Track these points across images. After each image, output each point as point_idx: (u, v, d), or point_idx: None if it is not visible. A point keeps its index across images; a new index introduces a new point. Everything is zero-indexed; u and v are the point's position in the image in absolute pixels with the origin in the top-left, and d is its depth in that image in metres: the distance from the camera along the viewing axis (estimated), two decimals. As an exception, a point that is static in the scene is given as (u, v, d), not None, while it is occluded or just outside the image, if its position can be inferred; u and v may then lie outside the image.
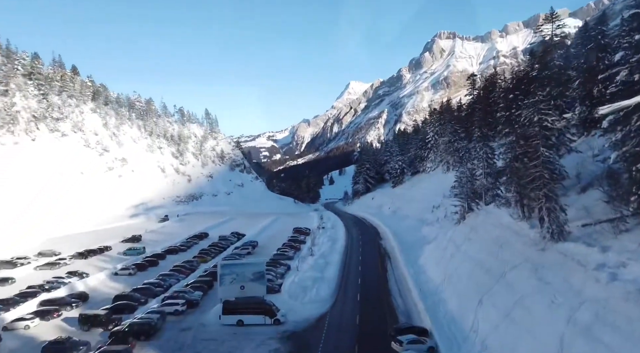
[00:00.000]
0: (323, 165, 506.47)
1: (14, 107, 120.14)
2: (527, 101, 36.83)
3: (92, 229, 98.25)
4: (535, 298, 29.99)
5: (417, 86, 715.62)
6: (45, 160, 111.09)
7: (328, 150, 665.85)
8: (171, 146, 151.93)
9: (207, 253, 63.04)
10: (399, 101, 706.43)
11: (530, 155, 37.04)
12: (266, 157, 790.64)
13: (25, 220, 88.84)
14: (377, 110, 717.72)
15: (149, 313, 35.81)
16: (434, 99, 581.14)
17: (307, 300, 41.57)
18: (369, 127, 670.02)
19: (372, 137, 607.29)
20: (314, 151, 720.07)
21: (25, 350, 31.08)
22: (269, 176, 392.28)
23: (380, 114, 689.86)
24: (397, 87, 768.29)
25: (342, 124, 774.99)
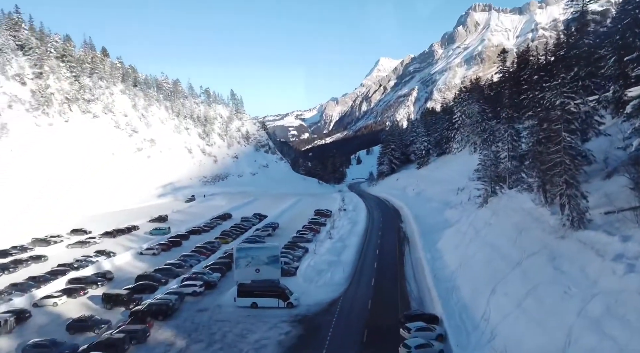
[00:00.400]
0: (351, 145, 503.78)
1: (48, 89, 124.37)
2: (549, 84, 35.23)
3: (123, 208, 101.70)
4: (548, 288, 29.38)
5: (449, 62, 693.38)
6: (78, 141, 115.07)
7: (356, 129, 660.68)
8: (197, 127, 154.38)
9: (229, 235, 64.44)
10: (430, 78, 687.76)
11: (551, 140, 35.74)
12: (294, 136, 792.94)
13: (60, 200, 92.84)
14: (407, 88, 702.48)
15: (167, 294, 37.23)
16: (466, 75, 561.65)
17: (321, 283, 42.12)
18: (398, 105, 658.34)
19: (401, 115, 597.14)
20: (342, 130, 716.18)
21: (53, 326, 32.93)
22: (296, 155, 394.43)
23: (410, 91, 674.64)
24: (429, 63, 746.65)
25: (370, 102, 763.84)
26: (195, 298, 38.94)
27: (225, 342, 30.04)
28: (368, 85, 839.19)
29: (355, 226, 69.57)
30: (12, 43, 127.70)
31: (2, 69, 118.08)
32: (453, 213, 70.13)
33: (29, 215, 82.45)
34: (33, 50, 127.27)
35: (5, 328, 30.89)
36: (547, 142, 37.07)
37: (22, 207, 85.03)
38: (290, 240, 58.35)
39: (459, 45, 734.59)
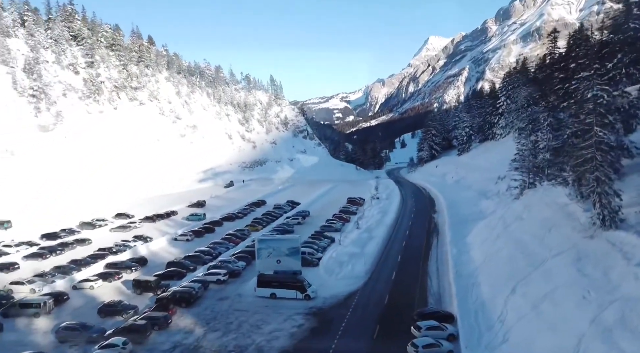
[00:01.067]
0: (396, 127, 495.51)
1: (98, 77, 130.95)
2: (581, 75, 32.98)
3: (166, 193, 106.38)
4: (567, 292, 28.28)
5: (504, 39, 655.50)
6: (126, 128, 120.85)
7: (402, 111, 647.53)
8: (238, 113, 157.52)
9: (259, 222, 66.05)
10: (482, 56, 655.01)
11: (584, 134, 33.81)
12: (339, 118, 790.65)
13: (109, 184, 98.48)
14: (457, 68, 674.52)
15: (192, 282, 39.02)
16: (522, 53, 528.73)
17: (341, 276, 42.55)
18: (447, 85, 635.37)
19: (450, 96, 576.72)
20: (387, 112, 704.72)
21: (87, 309, 35.53)
22: (339, 138, 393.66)
23: (461, 71, 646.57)
24: (481, 41, 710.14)
25: (418, 83, 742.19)
26: (219, 286, 40.56)
27: (240, 331, 31.26)
28: (416, 66, 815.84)
29: (385, 216, 69.17)
30: (67, 34, 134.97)
31: (58, 59, 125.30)
32: (489, 204, 68.13)
33: (82, 198, 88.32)
34: (85, 40, 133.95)
35: (45, 310, 33.74)
36: (580, 136, 35.14)
37: (75, 190, 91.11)
38: (317, 230, 59.02)
39: (515, 21, 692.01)
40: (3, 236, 60.02)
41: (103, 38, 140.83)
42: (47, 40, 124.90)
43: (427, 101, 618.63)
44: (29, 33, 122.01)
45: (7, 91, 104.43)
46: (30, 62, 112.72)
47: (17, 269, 45.30)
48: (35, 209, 78.87)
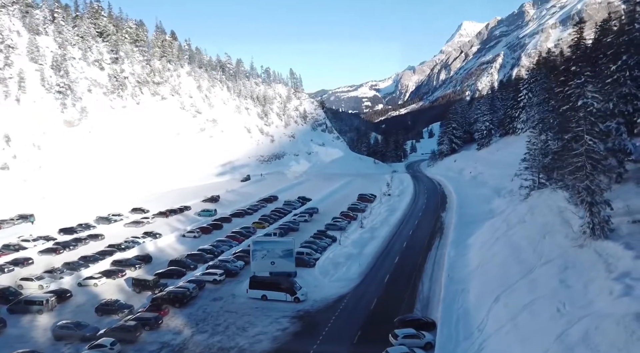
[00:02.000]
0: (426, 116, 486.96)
1: (122, 73, 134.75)
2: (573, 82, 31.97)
3: (184, 186, 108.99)
4: (546, 303, 28.01)
5: (541, 23, 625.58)
6: (147, 122, 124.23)
7: (433, 99, 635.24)
8: (257, 107, 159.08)
9: (266, 220, 67.17)
10: (518, 42, 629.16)
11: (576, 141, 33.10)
12: (368, 107, 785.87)
13: (129, 178, 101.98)
14: (491, 54, 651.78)
15: (187, 282, 40.48)
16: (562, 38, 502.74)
17: (335, 278, 43.18)
18: (480, 72, 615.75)
19: (483, 83, 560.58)
20: (417, 100, 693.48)
21: (88, 306, 37.47)
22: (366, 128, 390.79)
23: (495, 57, 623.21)
24: (517, 26, 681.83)
25: (450, 71, 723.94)
26: (216, 286, 41.92)
27: (227, 333, 32.44)
28: (448, 52, 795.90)
29: (392, 214, 69.12)
30: (93, 30, 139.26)
31: (84, 56, 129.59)
32: (500, 203, 67.15)
33: (103, 192, 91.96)
34: (110, 36, 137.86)
35: (48, 307, 35.88)
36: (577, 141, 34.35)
37: (97, 184, 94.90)
38: (320, 229, 59.55)
39: (554, 4, 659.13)
40: (28, 230, 63.74)
41: (127, 34, 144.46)
42: (74, 38, 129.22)
43: (459, 89, 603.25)
44: (57, 30, 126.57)
45: (36, 88, 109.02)
46: (57, 59, 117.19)
47: (31, 264, 48.03)
48: (59, 203, 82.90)
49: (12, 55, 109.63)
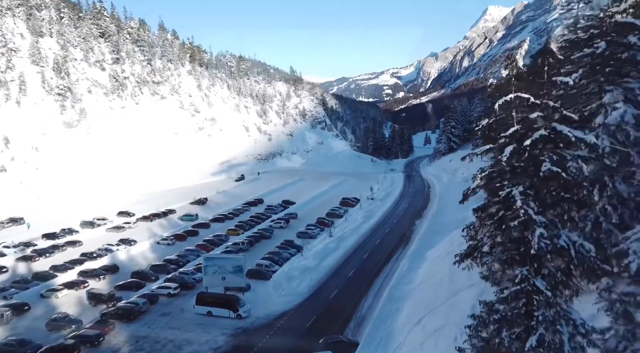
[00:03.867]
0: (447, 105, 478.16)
1: (123, 73, 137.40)
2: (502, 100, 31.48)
3: (180, 186, 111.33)
4: (451, 330, 28.47)
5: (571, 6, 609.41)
6: (146, 122, 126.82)
7: (455, 87, 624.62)
8: (256, 105, 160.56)
9: (242, 226, 68.60)
10: (545, 27, 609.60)
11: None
12: (388, 95, 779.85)
13: (124, 179, 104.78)
14: (516, 40, 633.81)
15: (140, 296, 42.24)
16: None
17: (285, 292, 44.35)
18: (505, 59, 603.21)
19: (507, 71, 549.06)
20: (439, 88, 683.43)
21: (44, 320, 39.48)
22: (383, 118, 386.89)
23: (521, 43, 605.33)
24: (545, 10, 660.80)
25: (473, 57, 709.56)
26: (170, 299, 43.62)
27: (163, 352, 34.09)
28: (472, 38, 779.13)
29: (366, 221, 69.77)
30: (95, 31, 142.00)
31: (86, 57, 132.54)
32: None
33: (99, 194, 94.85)
34: (111, 37, 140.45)
35: (2, 321, 38.12)
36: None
37: (94, 186, 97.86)
38: (287, 239, 60.54)
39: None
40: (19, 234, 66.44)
41: (129, 34, 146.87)
42: (76, 39, 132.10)
43: (482, 76, 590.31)
44: (60, 32, 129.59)
45: (37, 90, 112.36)
46: (59, 61, 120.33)
47: (5, 272, 50.64)
48: (54, 205, 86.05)
49: (14, 58, 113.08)
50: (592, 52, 20.68)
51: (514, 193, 14.43)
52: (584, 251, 13.66)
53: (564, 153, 14.63)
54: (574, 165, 14.51)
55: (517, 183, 14.87)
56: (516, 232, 14.78)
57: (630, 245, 13.07)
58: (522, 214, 14.04)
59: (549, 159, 14.22)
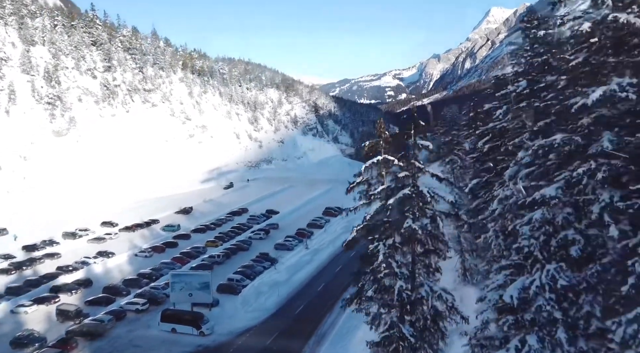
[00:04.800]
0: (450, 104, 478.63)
1: (114, 81, 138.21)
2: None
3: (169, 194, 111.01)
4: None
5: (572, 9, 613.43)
6: (136, 130, 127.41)
7: (457, 88, 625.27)
8: (248, 112, 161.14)
9: (222, 238, 68.86)
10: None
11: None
12: (391, 97, 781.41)
13: (114, 188, 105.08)
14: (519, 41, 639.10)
15: (107, 312, 42.53)
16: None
17: (252, 308, 44.64)
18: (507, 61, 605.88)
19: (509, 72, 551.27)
20: (440, 90, 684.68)
21: (10, 338, 39.95)
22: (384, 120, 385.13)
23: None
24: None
25: (476, 59, 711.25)
26: (138, 315, 43.93)
27: (120, 371, 34.43)
28: (474, 40, 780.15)
29: (345, 233, 69.46)
30: (87, 39, 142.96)
31: (77, 65, 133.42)
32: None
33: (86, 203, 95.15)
34: (103, 45, 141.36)
35: (-33, 339, 38.51)
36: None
37: (82, 194, 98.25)
38: (263, 252, 60.66)
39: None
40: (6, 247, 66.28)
41: (120, 42, 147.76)
42: (67, 47, 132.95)
43: (484, 78, 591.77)
44: (51, 41, 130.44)
45: (26, 99, 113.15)
46: (50, 70, 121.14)
47: (-21, 287, 50.96)
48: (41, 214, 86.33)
49: (4, 67, 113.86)
50: (514, 90, 21.22)
51: (379, 247, 14.90)
52: (443, 300, 14.06)
53: (425, 209, 15.09)
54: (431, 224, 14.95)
55: (387, 237, 15.34)
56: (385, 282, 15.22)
57: (487, 294, 13.47)
58: (383, 268, 14.47)
59: (412, 216, 14.67)
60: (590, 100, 11.32)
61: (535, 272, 12.81)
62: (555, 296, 12.42)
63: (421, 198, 15.48)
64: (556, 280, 12.16)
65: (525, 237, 13.23)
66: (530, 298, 12.61)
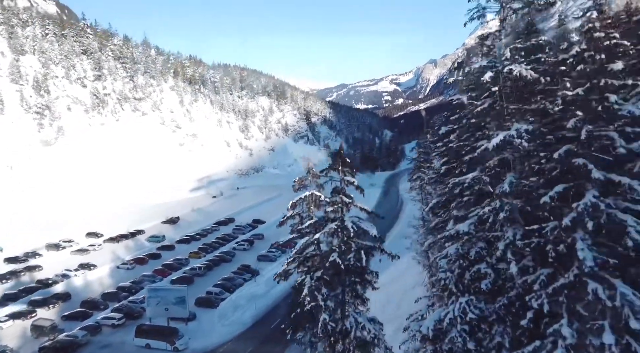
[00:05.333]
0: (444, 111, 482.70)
1: (104, 90, 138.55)
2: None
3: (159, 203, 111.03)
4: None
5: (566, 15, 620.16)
6: (125, 139, 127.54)
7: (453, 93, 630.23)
8: (239, 120, 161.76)
9: (206, 249, 69.04)
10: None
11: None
12: (387, 102, 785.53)
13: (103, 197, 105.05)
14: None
15: (81, 328, 42.63)
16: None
17: (229, 322, 44.87)
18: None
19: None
20: (437, 95, 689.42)
21: (-17, 353, 40.14)
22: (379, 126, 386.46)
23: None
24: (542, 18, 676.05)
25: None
26: (113, 330, 44.08)
27: (91, 387, 34.60)
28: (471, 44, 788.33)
29: (328, 243, 70.28)
30: (78, 48, 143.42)
31: (67, 74, 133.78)
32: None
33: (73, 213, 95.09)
34: (94, 54, 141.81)
35: (-61, 357, 38.61)
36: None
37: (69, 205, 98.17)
38: (244, 264, 61.00)
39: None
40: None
41: (111, 51, 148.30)
42: (57, 56, 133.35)
43: None
44: (41, 50, 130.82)
45: (15, 108, 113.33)
46: (39, 79, 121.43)
47: (-44, 302, 50.90)
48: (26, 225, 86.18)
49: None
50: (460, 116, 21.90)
51: (306, 280, 15.40)
52: (367, 331, 14.60)
53: (351, 243, 15.64)
54: (354, 257, 15.50)
55: (315, 270, 15.88)
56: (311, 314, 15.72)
57: (410, 324, 13.97)
58: (307, 302, 14.95)
59: (338, 249, 15.24)
60: (491, 145, 11.90)
61: (450, 304, 13.29)
62: (469, 327, 12.92)
63: (346, 233, 16.12)
64: (467, 312, 12.64)
65: (442, 269, 13.71)
66: (445, 329, 13.09)
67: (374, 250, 16.18)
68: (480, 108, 12.74)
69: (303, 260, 18.03)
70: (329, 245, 16.89)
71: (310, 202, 17.20)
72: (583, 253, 10.35)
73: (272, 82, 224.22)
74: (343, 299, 16.67)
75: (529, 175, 11.78)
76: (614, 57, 10.00)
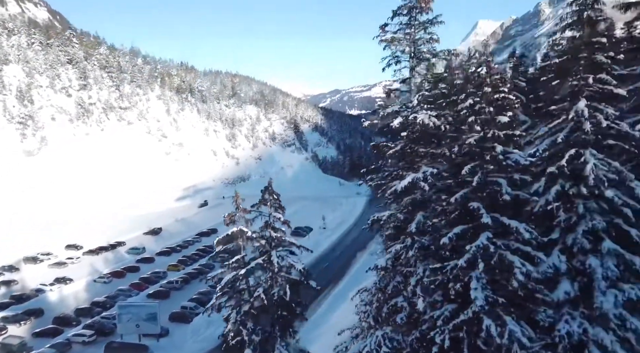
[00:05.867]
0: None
1: (90, 99, 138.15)
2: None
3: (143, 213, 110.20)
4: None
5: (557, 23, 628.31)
6: (110, 149, 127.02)
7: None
8: (226, 129, 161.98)
9: (185, 261, 68.90)
10: (532, 42, 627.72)
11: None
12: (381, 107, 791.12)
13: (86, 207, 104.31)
14: (505, 53, 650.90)
15: (50, 346, 42.31)
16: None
17: (200, 338, 44.79)
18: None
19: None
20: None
21: (-50, 372, 39.77)
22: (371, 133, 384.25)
23: (509, 58, 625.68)
24: (533, 25, 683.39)
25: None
26: (84, 347, 43.83)
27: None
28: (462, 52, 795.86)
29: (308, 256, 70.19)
30: (63, 58, 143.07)
31: (52, 83, 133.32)
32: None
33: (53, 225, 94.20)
34: (79, 64, 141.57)
35: None
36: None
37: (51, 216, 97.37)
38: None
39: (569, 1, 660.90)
40: None
41: (96, 60, 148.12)
42: (42, 66, 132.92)
43: None
44: (25, 59, 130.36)
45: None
46: (22, 89, 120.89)
47: None
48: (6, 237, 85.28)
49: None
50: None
51: (231, 316, 15.82)
52: None
53: (277, 277, 16.11)
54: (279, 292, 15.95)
55: (243, 305, 16.30)
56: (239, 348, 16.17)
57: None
58: (231, 338, 15.34)
59: (264, 284, 15.71)
60: (400, 186, 12.33)
61: (369, 337, 13.65)
62: (386, 360, 13.24)
63: (272, 268, 16.61)
64: (382, 346, 12.99)
65: (364, 302, 14.08)
66: (363, 363, 13.40)
67: (300, 284, 16.67)
68: (393, 151, 13.26)
69: (233, 294, 18.39)
70: (257, 280, 17.38)
71: (237, 237, 17.76)
72: (475, 292, 10.79)
73: (263, 89, 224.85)
74: (273, 332, 17.08)
75: (435, 215, 12.23)
76: (502, 110, 10.55)
